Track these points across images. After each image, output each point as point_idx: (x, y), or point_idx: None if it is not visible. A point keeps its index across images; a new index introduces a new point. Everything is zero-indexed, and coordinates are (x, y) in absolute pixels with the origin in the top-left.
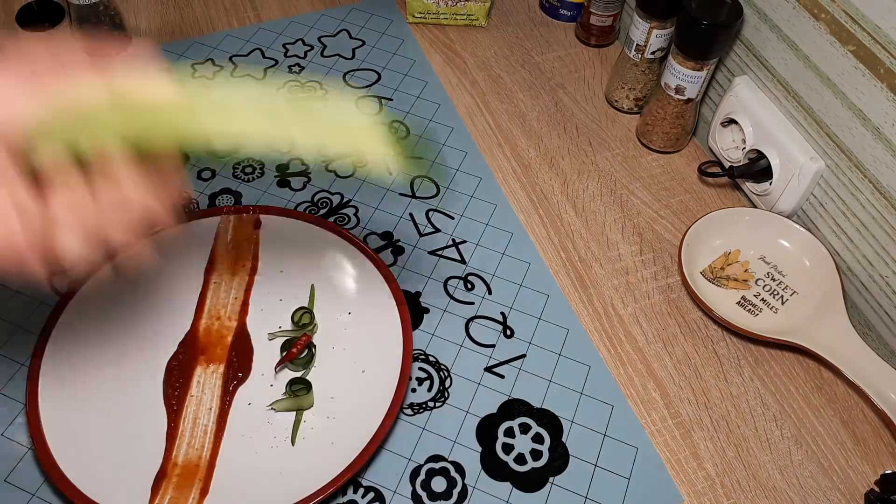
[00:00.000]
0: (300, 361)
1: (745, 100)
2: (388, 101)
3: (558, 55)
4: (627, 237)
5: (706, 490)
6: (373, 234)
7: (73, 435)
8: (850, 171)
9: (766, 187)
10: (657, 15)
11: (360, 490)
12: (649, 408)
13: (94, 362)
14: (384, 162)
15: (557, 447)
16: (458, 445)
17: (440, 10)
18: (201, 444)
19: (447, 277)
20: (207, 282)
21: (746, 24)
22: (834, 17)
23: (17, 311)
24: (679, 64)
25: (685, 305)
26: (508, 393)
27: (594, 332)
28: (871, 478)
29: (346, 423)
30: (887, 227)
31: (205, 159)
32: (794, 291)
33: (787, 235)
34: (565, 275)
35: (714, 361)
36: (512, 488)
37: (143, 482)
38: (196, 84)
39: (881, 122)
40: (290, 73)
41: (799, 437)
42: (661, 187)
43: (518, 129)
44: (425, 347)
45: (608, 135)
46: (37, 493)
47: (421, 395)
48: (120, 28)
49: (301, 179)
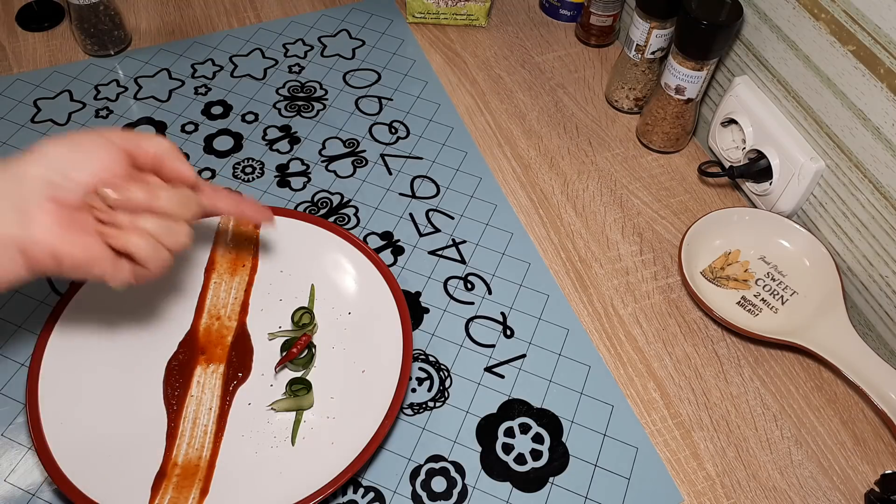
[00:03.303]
0: (300, 361)
1: (745, 100)
2: (388, 101)
3: (558, 55)
4: (627, 237)
5: (706, 490)
6: (373, 234)
7: (73, 435)
8: (850, 171)
9: (766, 187)
10: (657, 15)
11: (360, 490)
12: (649, 408)
13: (94, 362)
14: None
15: (557, 447)
16: (458, 445)
17: (440, 10)
18: (201, 444)
19: (447, 277)
20: (207, 282)
21: (746, 24)
22: (834, 17)
23: (17, 312)
24: (679, 64)
25: (685, 305)
26: (508, 393)
27: (594, 332)
28: (871, 478)
29: (346, 423)
30: (887, 227)
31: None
32: (794, 291)
33: (787, 235)
34: (565, 275)
35: (714, 361)
36: (512, 488)
37: (143, 482)
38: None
39: (881, 122)
40: (290, 73)
41: (799, 437)
42: (661, 187)
43: (518, 129)
44: (425, 347)
45: (608, 135)
46: (37, 494)
47: (421, 395)
48: (120, 28)
49: (301, 179)
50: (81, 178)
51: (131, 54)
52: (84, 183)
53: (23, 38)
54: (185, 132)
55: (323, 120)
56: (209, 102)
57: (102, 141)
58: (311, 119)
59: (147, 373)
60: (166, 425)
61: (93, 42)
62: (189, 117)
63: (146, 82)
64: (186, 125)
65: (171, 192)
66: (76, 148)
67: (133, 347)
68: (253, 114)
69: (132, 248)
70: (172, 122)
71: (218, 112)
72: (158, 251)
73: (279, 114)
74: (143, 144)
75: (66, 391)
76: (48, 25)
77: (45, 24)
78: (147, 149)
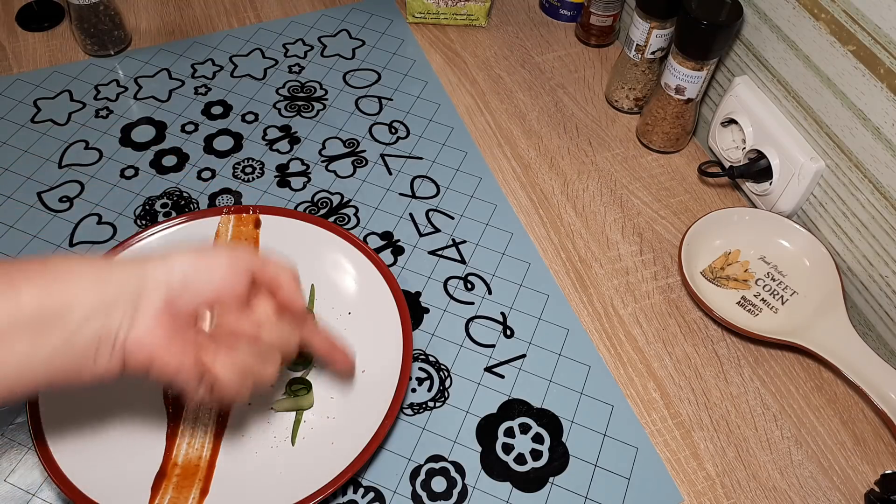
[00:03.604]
0: (300, 361)
1: (745, 100)
2: (388, 101)
3: (558, 55)
4: (627, 237)
5: (706, 490)
6: (373, 234)
7: (73, 435)
8: (850, 171)
9: (766, 187)
10: (657, 15)
11: (360, 490)
12: (649, 408)
13: None
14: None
15: (557, 447)
16: (458, 445)
17: (440, 10)
18: (201, 444)
19: (447, 277)
20: None
21: (746, 24)
22: (834, 17)
23: None
24: (679, 64)
25: (685, 305)
26: (508, 393)
27: (594, 332)
28: (871, 478)
29: (346, 423)
30: (887, 227)
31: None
32: (794, 291)
33: (787, 235)
34: (565, 275)
35: (714, 361)
36: (512, 488)
37: (143, 482)
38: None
39: (881, 122)
40: (290, 73)
41: (799, 437)
42: (661, 187)
43: (518, 129)
44: (425, 347)
45: (608, 135)
46: (37, 493)
47: (421, 395)
48: (120, 28)
49: (301, 179)
50: (201, 292)
51: (131, 54)
52: (202, 298)
53: (23, 38)
54: (185, 132)
55: (323, 120)
56: (209, 102)
57: (231, 260)
58: (311, 119)
59: None
60: (166, 425)
61: (93, 42)
62: (189, 117)
63: (146, 82)
64: (186, 125)
65: (274, 329)
66: (203, 261)
67: None
68: (253, 114)
69: (219, 373)
70: (172, 122)
71: (218, 112)
72: (244, 381)
73: (279, 114)
74: (267, 267)
75: (66, 391)
76: (48, 25)
77: (45, 24)
78: (270, 272)
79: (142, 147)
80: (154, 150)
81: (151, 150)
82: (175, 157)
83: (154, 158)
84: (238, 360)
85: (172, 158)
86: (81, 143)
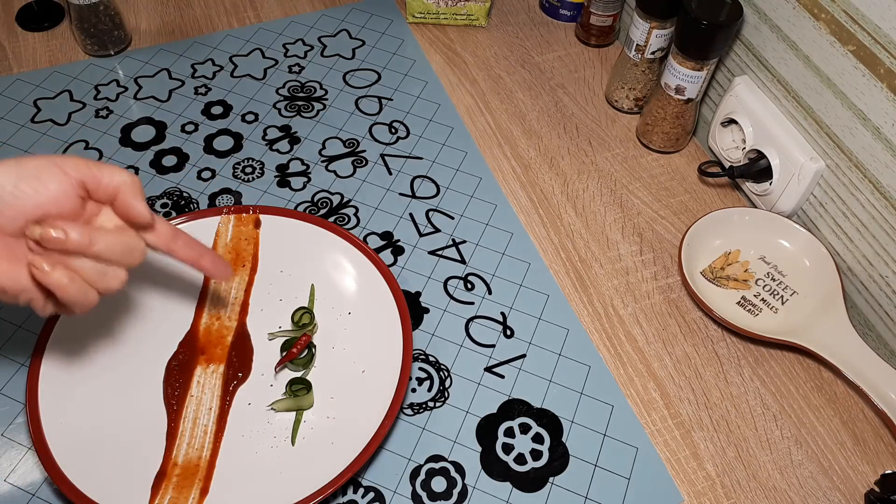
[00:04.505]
0: (300, 361)
1: (745, 100)
2: (388, 101)
3: (558, 55)
4: (627, 237)
5: (706, 490)
6: (373, 234)
7: (73, 435)
8: (850, 171)
9: (766, 187)
10: (657, 15)
11: (360, 490)
12: (649, 408)
13: (94, 362)
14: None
15: (557, 447)
16: (458, 445)
17: (440, 10)
18: (201, 444)
19: (447, 277)
20: (207, 281)
21: (746, 24)
22: (834, 17)
23: (17, 312)
24: (679, 64)
25: (685, 305)
26: (508, 393)
27: (594, 332)
28: (871, 478)
29: (346, 423)
30: (887, 227)
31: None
32: (794, 291)
33: (787, 235)
34: (565, 275)
35: (714, 361)
36: (512, 488)
37: (143, 482)
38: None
39: (881, 122)
40: (290, 73)
41: (799, 437)
42: (661, 187)
43: (518, 129)
44: (425, 347)
45: (608, 135)
46: (37, 494)
47: (421, 395)
48: (120, 28)
49: (301, 179)
50: (24, 208)
51: (131, 54)
52: (26, 213)
53: (23, 38)
54: (185, 132)
55: (323, 120)
56: (209, 102)
57: (55, 171)
58: (311, 119)
59: (147, 373)
60: (166, 425)
61: (93, 42)
62: (189, 117)
63: (146, 82)
64: (186, 125)
65: (110, 237)
66: (25, 176)
67: (133, 347)
68: (253, 114)
69: (55, 286)
70: (172, 122)
71: (218, 112)
72: (85, 293)
73: (279, 114)
74: (102, 177)
75: (66, 391)
76: (48, 25)
77: (45, 24)
78: (106, 182)
79: (142, 147)
80: (154, 150)
81: (151, 150)
82: (175, 157)
83: (154, 158)
84: (74, 270)
85: (172, 158)
86: (81, 143)
